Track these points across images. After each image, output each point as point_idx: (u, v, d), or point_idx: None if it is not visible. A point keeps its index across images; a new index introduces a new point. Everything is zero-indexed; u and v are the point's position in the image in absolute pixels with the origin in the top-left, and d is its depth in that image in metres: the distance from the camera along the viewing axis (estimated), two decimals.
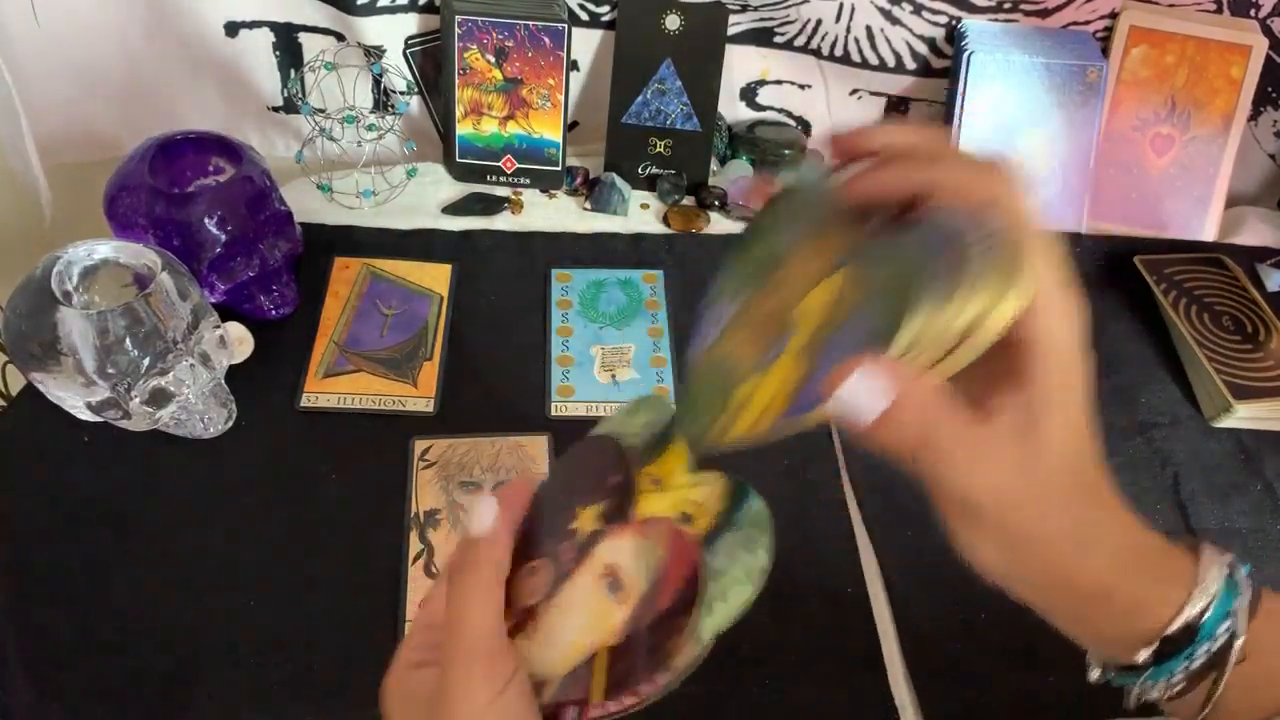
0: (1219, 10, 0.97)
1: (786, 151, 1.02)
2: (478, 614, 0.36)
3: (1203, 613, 0.35)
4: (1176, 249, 0.97)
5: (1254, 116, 1.02)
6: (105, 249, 0.71)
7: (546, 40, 0.94)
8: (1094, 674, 0.40)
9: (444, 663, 0.36)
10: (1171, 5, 0.97)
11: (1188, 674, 0.36)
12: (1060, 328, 0.34)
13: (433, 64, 1.00)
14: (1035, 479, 0.34)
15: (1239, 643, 0.35)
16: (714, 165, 1.03)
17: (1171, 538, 0.38)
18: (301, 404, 0.79)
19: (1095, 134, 0.97)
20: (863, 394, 0.33)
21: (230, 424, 0.75)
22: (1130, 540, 0.36)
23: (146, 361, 0.68)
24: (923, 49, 0.99)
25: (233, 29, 0.94)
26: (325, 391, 0.80)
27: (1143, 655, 0.36)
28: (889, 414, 0.33)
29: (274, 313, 0.84)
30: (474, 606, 0.36)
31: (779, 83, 1.03)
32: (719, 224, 0.99)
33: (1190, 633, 0.35)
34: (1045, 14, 0.97)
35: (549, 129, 0.98)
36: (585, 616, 0.37)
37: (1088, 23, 0.98)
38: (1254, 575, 0.37)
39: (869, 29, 0.97)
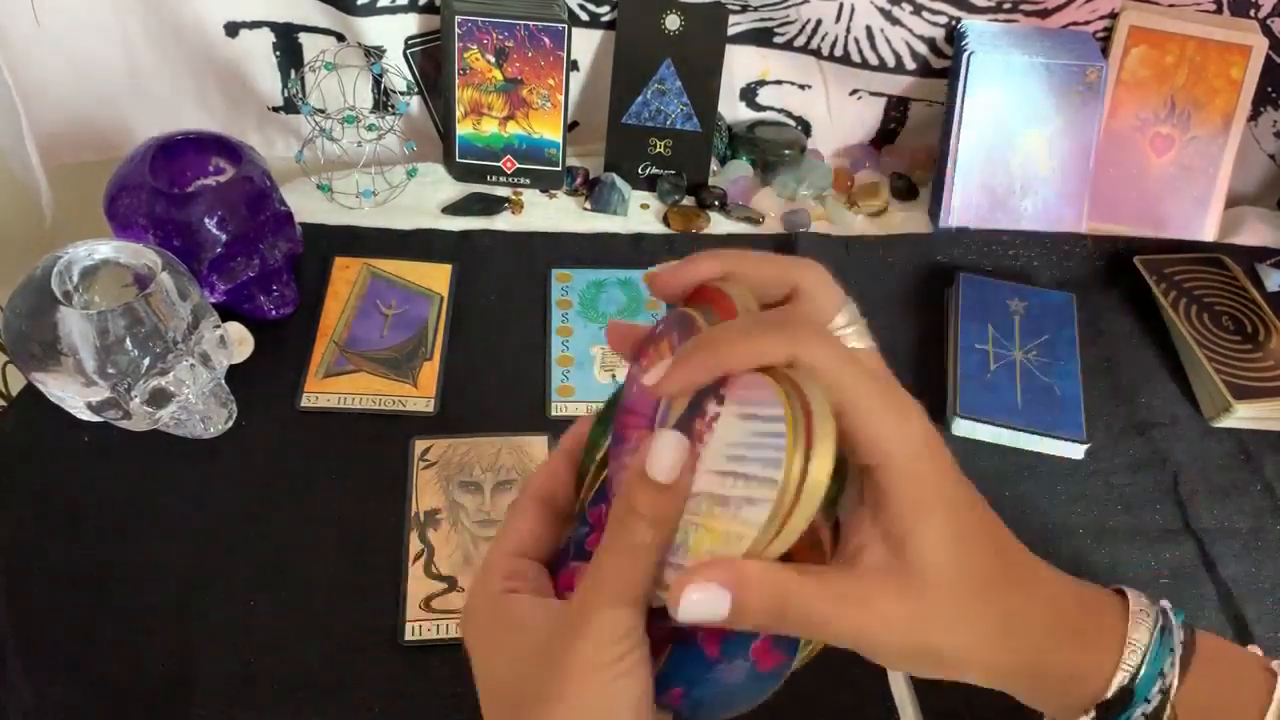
0: (1219, 10, 0.97)
1: (786, 151, 1.02)
2: (624, 570, 0.33)
3: (1134, 676, 0.35)
4: (1176, 249, 0.97)
5: (1254, 116, 1.02)
6: (105, 249, 0.71)
7: (546, 40, 0.94)
8: None
9: (576, 609, 0.33)
10: (1171, 5, 0.97)
11: None
12: (892, 443, 0.32)
13: (433, 64, 1.00)
14: (926, 599, 0.32)
15: (1171, 701, 0.35)
16: (714, 165, 1.03)
17: (1095, 587, 0.37)
18: (301, 404, 0.79)
19: (1095, 134, 0.97)
20: (703, 605, 0.31)
21: (230, 424, 0.75)
22: (1053, 611, 0.36)
23: (146, 361, 0.68)
24: (923, 49, 0.99)
25: (233, 29, 0.94)
26: (325, 391, 0.80)
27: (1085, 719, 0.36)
28: (738, 608, 0.31)
29: (274, 313, 0.84)
30: (621, 561, 0.33)
31: (779, 83, 1.03)
32: (719, 224, 0.99)
33: (1126, 696, 0.35)
34: (1045, 14, 0.97)
35: (549, 129, 0.98)
36: None
37: (1088, 23, 0.98)
38: (1185, 621, 0.37)
39: (869, 29, 0.97)
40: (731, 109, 1.05)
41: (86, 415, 0.73)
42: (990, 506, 0.37)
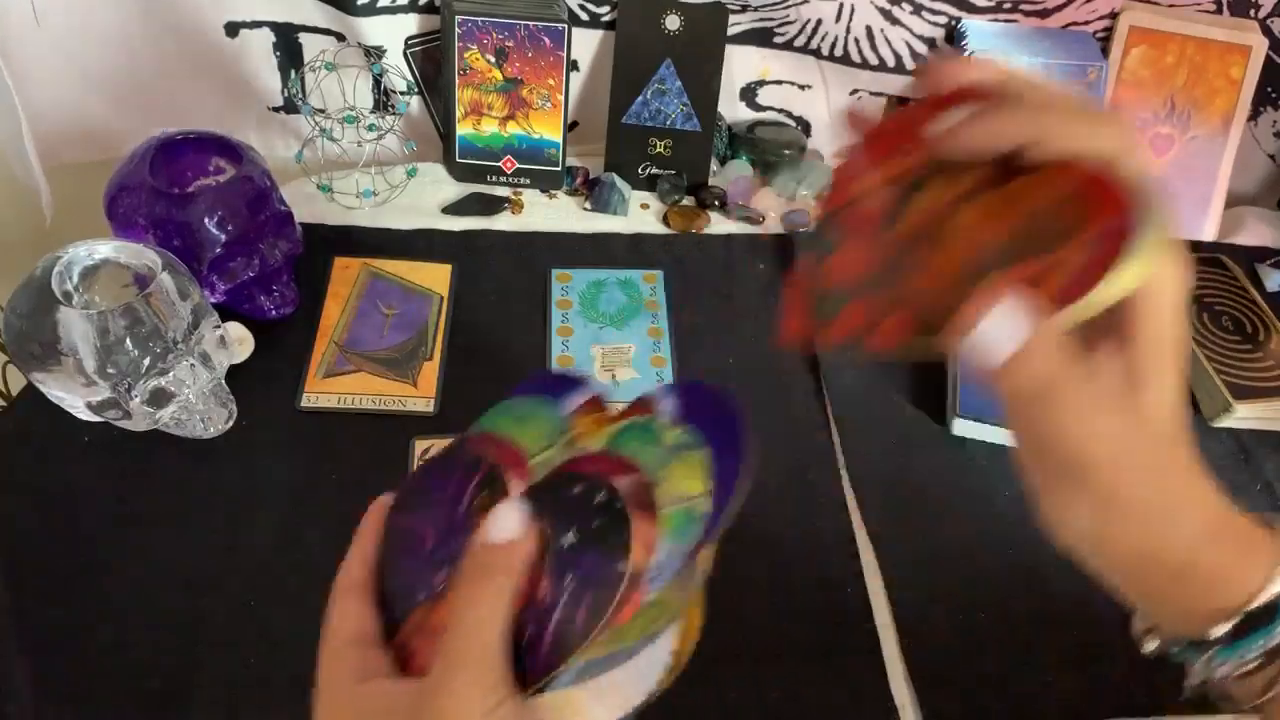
0: (1219, 10, 0.97)
1: (786, 151, 1.02)
2: (485, 622, 0.34)
3: None
4: None
5: (1254, 117, 1.02)
6: (105, 249, 0.71)
7: (546, 40, 0.94)
8: (1150, 646, 0.39)
9: (441, 669, 0.34)
10: (1171, 5, 0.97)
11: (1264, 652, 0.35)
12: (1165, 291, 0.34)
13: (433, 64, 1.00)
14: (1136, 441, 0.34)
15: None
16: (714, 165, 1.03)
17: (1255, 516, 0.37)
18: (302, 404, 0.79)
19: None
20: (1004, 329, 0.32)
21: (230, 424, 0.75)
22: (1217, 513, 0.36)
23: (147, 361, 0.68)
24: (923, 49, 0.99)
25: (233, 29, 0.94)
26: (325, 391, 0.80)
27: (1219, 630, 0.35)
28: (1020, 355, 0.32)
29: (274, 313, 0.84)
30: (481, 613, 0.34)
31: (779, 83, 1.03)
32: (719, 224, 0.99)
33: (1271, 611, 0.35)
34: (1045, 14, 0.97)
35: (549, 129, 0.98)
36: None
37: (1087, 23, 0.98)
38: None
39: (869, 29, 0.97)
40: (731, 109, 1.05)
41: (86, 415, 0.72)
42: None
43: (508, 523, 0.36)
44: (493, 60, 0.95)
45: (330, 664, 0.37)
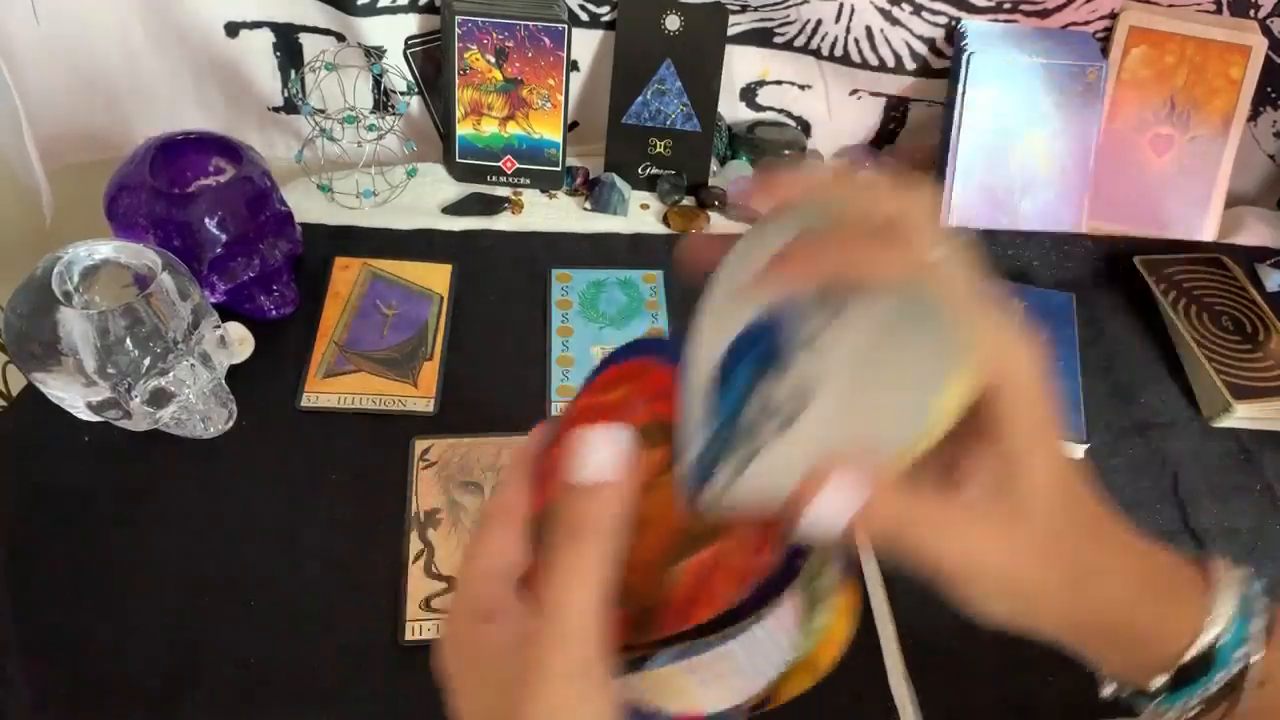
0: (1219, 10, 0.97)
1: (786, 151, 1.02)
2: (579, 598, 0.31)
3: (1217, 639, 0.34)
4: (1176, 249, 0.97)
5: (1253, 117, 1.02)
6: (106, 249, 0.71)
7: (546, 40, 0.94)
8: (1106, 691, 0.39)
9: (532, 644, 0.31)
10: (1171, 5, 0.97)
11: (1204, 700, 0.35)
12: (1015, 373, 0.32)
13: (433, 64, 1.00)
14: (1027, 532, 0.33)
15: (1255, 669, 0.34)
16: (714, 165, 1.03)
17: (1181, 553, 0.37)
18: (302, 404, 0.79)
19: (1095, 134, 0.97)
20: (834, 507, 0.31)
21: (230, 424, 0.75)
22: (1139, 568, 0.35)
23: (147, 361, 0.68)
24: (922, 49, 0.99)
25: (233, 29, 0.94)
26: (325, 391, 0.80)
27: (1158, 682, 0.35)
28: (859, 519, 0.31)
29: (274, 313, 0.84)
30: (574, 590, 0.31)
31: (779, 83, 1.03)
32: (719, 224, 0.99)
33: (1206, 660, 0.35)
34: (1045, 14, 0.97)
35: (549, 129, 0.98)
36: None
37: (1087, 23, 0.98)
38: (1267, 590, 0.36)
39: (869, 29, 0.97)
40: (731, 109, 1.05)
41: (86, 415, 0.73)
42: None
43: (600, 458, 0.32)
44: (493, 60, 0.95)
45: (461, 594, 0.36)
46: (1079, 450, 0.79)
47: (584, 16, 0.97)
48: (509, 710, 0.31)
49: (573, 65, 1.00)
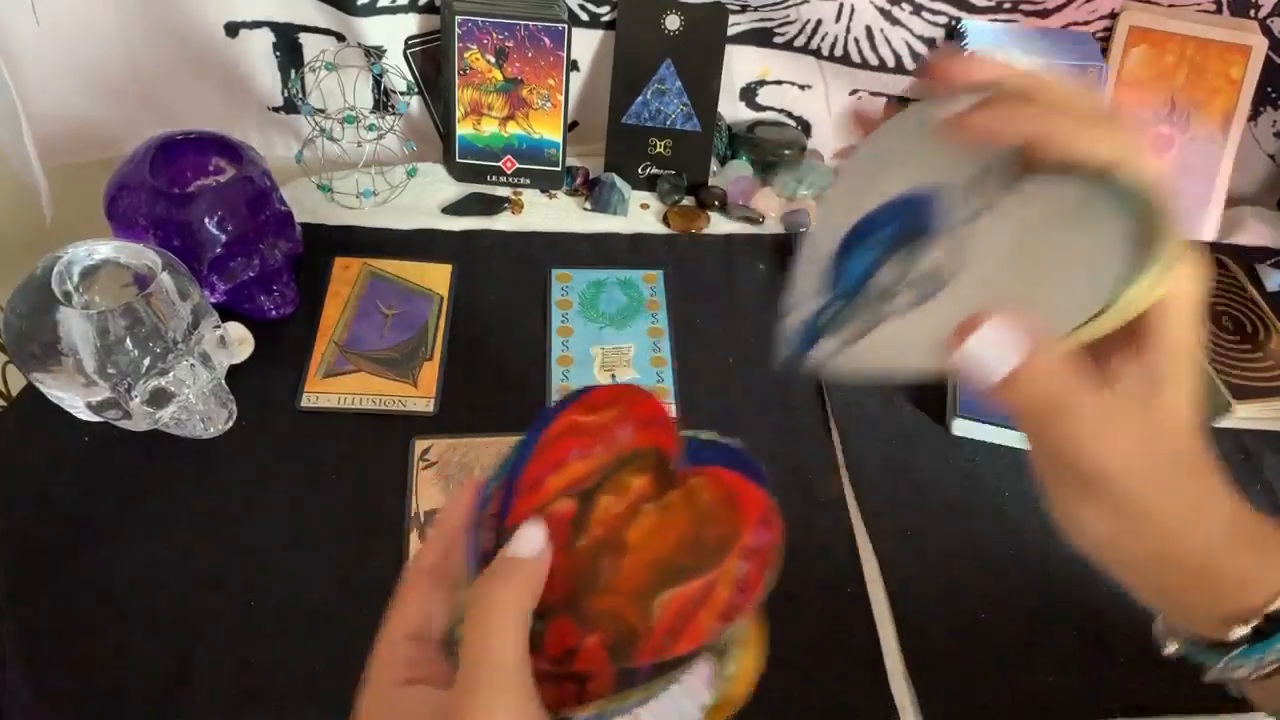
0: (1218, 10, 0.97)
1: (786, 151, 1.02)
2: (508, 644, 0.32)
3: None
4: None
5: (1253, 117, 1.02)
6: (105, 249, 0.71)
7: (546, 40, 0.94)
8: (1170, 648, 0.39)
9: (460, 694, 0.32)
10: (1171, 5, 0.97)
11: None
12: (1181, 295, 0.33)
13: (433, 64, 1.00)
14: (1156, 448, 0.34)
15: None
16: (714, 165, 1.03)
17: (1274, 518, 0.37)
18: (302, 404, 0.79)
19: None
20: (992, 349, 0.31)
21: (230, 424, 0.75)
22: (1235, 515, 0.36)
23: (146, 361, 0.68)
24: (923, 49, 0.99)
25: (233, 29, 0.94)
26: (325, 391, 0.80)
27: (1238, 632, 0.35)
28: (1020, 374, 0.32)
29: (274, 313, 0.84)
30: (500, 635, 0.33)
31: (779, 83, 1.03)
32: (719, 224, 0.99)
33: None
34: (1045, 14, 0.97)
35: (549, 129, 0.98)
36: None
37: (1087, 23, 0.98)
38: None
39: (869, 29, 0.97)
40: (731, 109, 1.05)
41: (86, 415, 0.72)
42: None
43: (534, 540, 0.35)
44: (493, 60, 0.95)
45: (382, 655, 0.37)
46: None
47: (584, 16, 0.97)
48: None
49: (573, 65, 1.00)
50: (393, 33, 0.96)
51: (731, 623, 0.34)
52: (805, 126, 1.07)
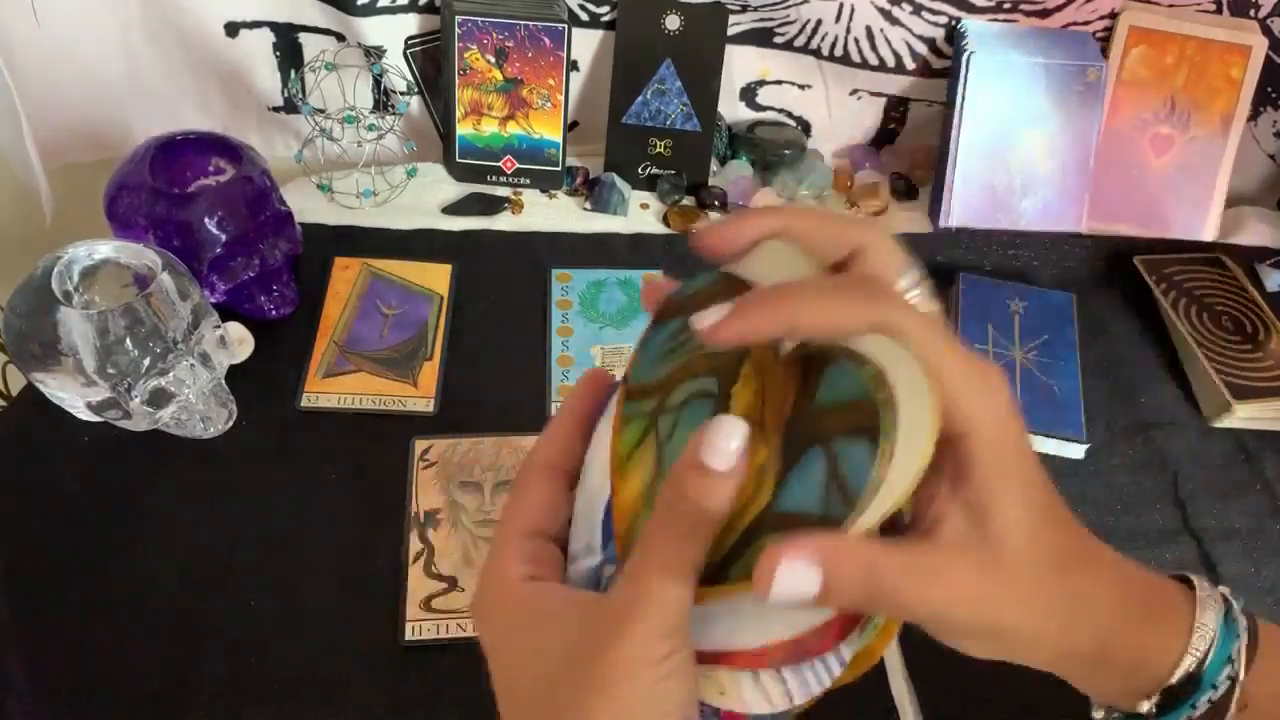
0: (1219, 10, 0.97)
1: (786, 151, 1.02)
2: (674, 571, 0.30)
3: (1202, 662, 0.34)
4: (1176, 249, 0.97)
5: (1254, 117, 1.02)
6: (105, 249, 0.71)
7: (546, 40, 0.94)
8: (1098, 715, 0.39)
9: (620, 609, 0.30)
10: (1171, 5, 0.97)
11: None
12: (979, 411, 0.31)
13: (433, 64, 1.00)
14: (1004, 575, 0.32)
15: (1239, 689, 0.34)
16: (714, 165, 1.03)
17: (1159, 572, 0.37)
18: (301, 404, 0.79)
19: (1095, 134, 0.97)
20: (795, 583, 0.29)
21: (230, 424, 0.75)
22: (1122, 594, 0.35)
23: (147, 361, 0.68)
24: (922, 49, 0.99)
25: (233, 29, 0.94)
26: (325, 391, 0.80)
27: (1145, 706, 0.35)
28: (831, 585, 0.29)
29: (274, 313, 0.84)
30: (669, 581, 0.30)
31: (779, 83, 1.03)
32: None
33: (1192, 682, 0.34)
34: (1045, 14, 0.97)
35: (549, 129, 0.98)
36: None
37: (1087, 23, 0.98)
38: (1247, 609, 0.36)
39: (869, 29, 0.97)
40: (731, 109, 1.05)
41: (86, 415, 0.72)
42: None
43: (727, 444, 0.30)
44: (493, 60, 0.95)
45: (498, 553, 0.33)
46: (1079, 450, 0.79)
47: (584, 16, 0.97)
48: (570, 694, 0.30)
49: (573, 65, 1.00)
50: (393, 33, 0.96)
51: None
52: (805, 126, 1.07)
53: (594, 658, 0.30)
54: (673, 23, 0.96)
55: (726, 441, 0.30)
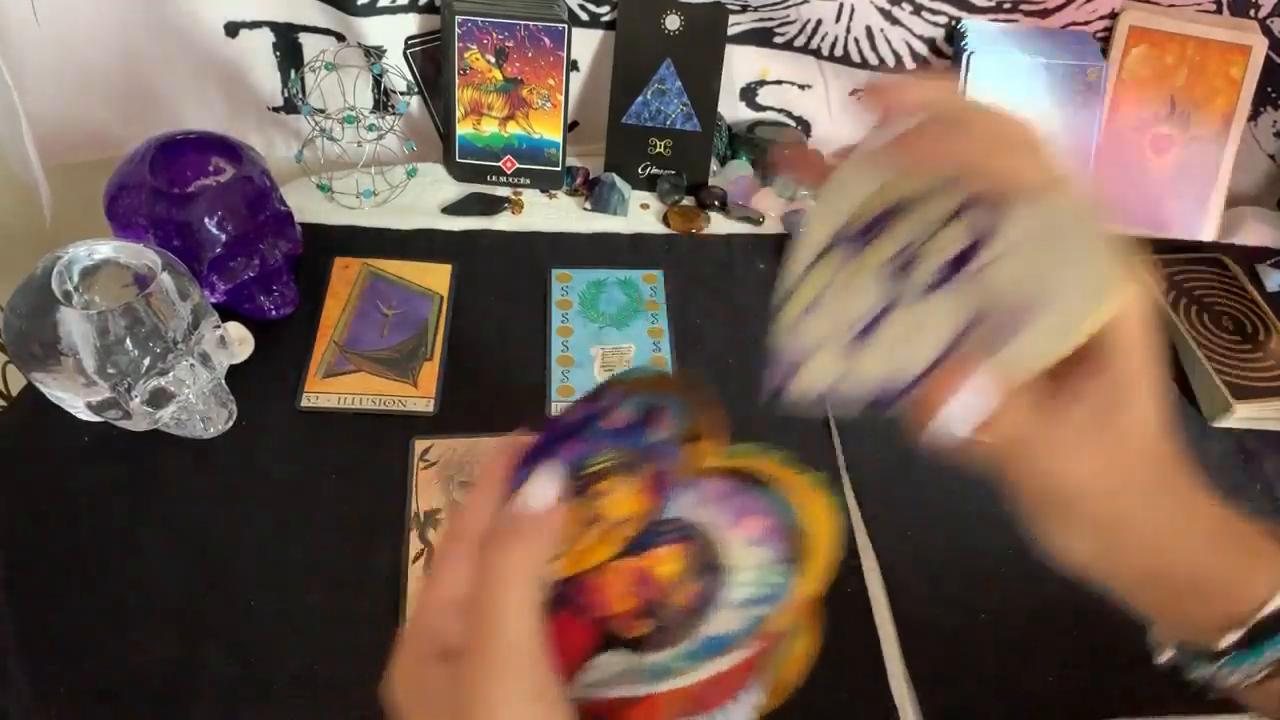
0: (1219, 10, 0.97)
1: (787, 151, 1.02)
2: (515, 616, 0.31)
3: None
4: (1176, 249, 0.97)
5: (1254, 116, 1.02)
6: (105, 249, 0.71)
7: (546, 40, 0.94)
8: (1163, 656, 0.39)
9: (471, 671, 0.31)
10: (1171, 5, 0.97)
11: (1274, 661, 0.35)
12: (1131, 311, 0.33)
13: (433, 64, 1.00)
14: (1123, 464, 0.34)
15: None
16: (714, 165, 1.03)
17: (1259, 523, 0.37)
18: (302, 404, 0.79)
19: (1095, 134, 0.97)
20: (966, 410, 0.32)
21: (230, 424, 0.75)
22: (1218, 523, 0.36)
23: (147, 361, 0.68)
24: (923, 49, 0.99)
25: (233, 29, 0.94)
26: (325, 391, 0.80)
27: (1228, 640, 0.35)
28: (986, 425, 0.32)
29: (274, 313, 0.84)
30: (512, 606, 0.31)
31: (779, 83, 1.03)
32: (719, 224, 0.98)
33: (1278, 621, 0.35)
34: (1045, 14, 0.97)
35: (549, 129, 0.98)
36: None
37: (1088, 23, 0.98)
38: None
39: (869, 29, 0.97)
40: (731, 109, 1.05)
41: (86, 415, 0.72)
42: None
43: (546, 490, 0.34)
44: (493, 60, 0.95)
45: (416, 627, 0.35)
46: None
47: (584, 16, 0.97)
48: None
49: (573, 65, 1.00)
50: (393, 33, 0.96)
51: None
52: (805, 126, 1.07)
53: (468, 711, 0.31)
54: (673, 23, 0.96)
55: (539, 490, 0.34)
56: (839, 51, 0.99)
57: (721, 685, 0.34)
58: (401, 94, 0.98)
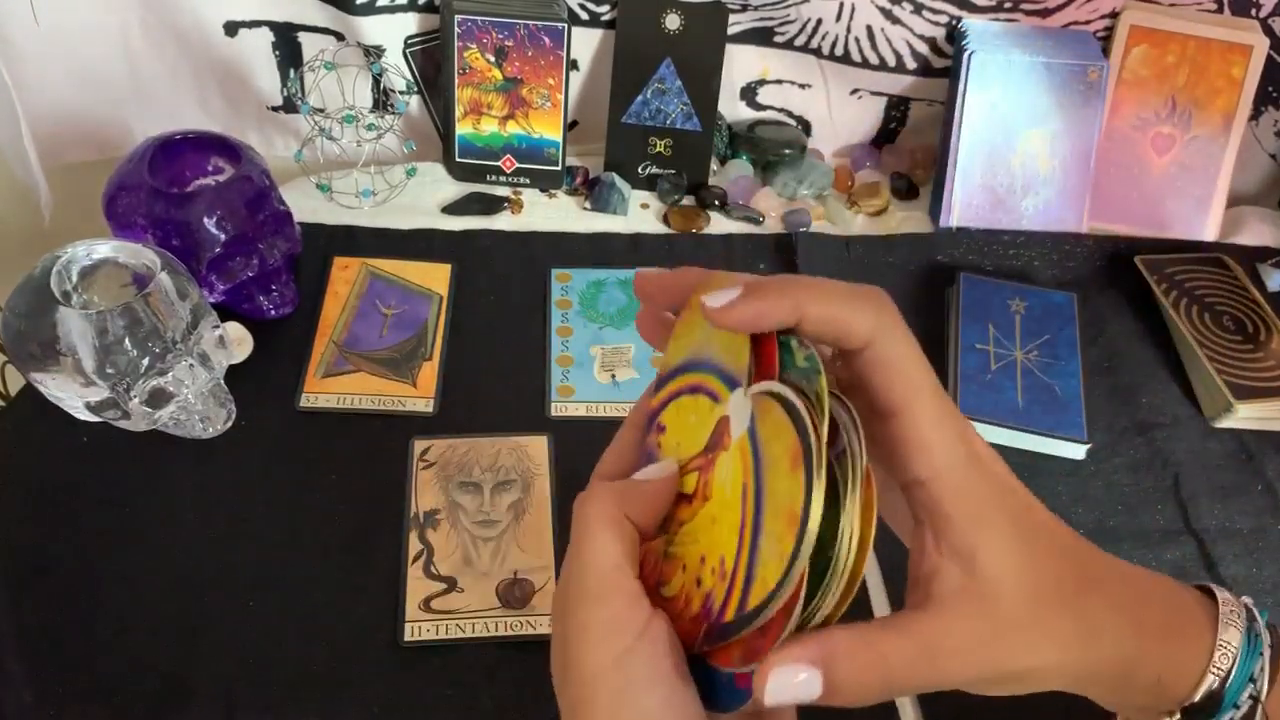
0: (1220, 10, 0.97)
1: (787, 151, 1.02)
2: (607, 549, 0.31)
3: (1224, 680, 0.34)
4: (1177, 249, 0.97)
5: (1255, 116, 1.02)
6: (104, 249, 0.71)
7: (546, 40, 0.94)
8: None
9: (559, 610, 0.31)
10: (1172, 5, 0.96)
11: None
12: (941, 457, 0.30)
13: (433, 64, 1.00)
14: (1007, 621, 0.31)
15: (1262, 706, 0.34)
16: (714, 165, 1.03)
17: (1178, 582, 0.36)
18: (301, 404, 0.79)
19: (1096, 134, 0.97)
20: (792, 688, 0.29)
21: (230, 424, 0.75)
22: (1137, 612, 0.34)
23: (146, 361, 0.68)
24: (923, 49, 0.99)
25: (232, 29, 0.94)
26: (325, 391, 0.79)
27: None
28: (831, 687, 0.29)
29: (273, 313, 0.83)
30: (598, 542, 0.31)
31: (779, 82, 1.03)
32: (719, 224, 0.98)
33: (1214, 700, 0.34)
34: (1045, 14, 0.97)
35: (549, 129, 0.98)
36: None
37: (1088, 22, 0.98)
38: (1271, 623, 0.36)
39: (869, 29, 0.97)
40: (731, 109, 1.05)
41: (86, 415, 0.72)
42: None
43: (659, 469, 0.33)
44: (492, 60, 0.95)
45: (597, 528, 0.33)
46: (1080, 450, 0.79)
47: (584, 16, 0.97)
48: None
49: (572, 64, 1.00)
50: (392, 32, 0.96)
51: None
52: (805, 126, 1.07)
53: (566, 668, 0.31)
54: (673, 22, 0.95)
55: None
56: (839, 51, 0.99)
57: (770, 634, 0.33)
58: (401, 93, 0.98)
